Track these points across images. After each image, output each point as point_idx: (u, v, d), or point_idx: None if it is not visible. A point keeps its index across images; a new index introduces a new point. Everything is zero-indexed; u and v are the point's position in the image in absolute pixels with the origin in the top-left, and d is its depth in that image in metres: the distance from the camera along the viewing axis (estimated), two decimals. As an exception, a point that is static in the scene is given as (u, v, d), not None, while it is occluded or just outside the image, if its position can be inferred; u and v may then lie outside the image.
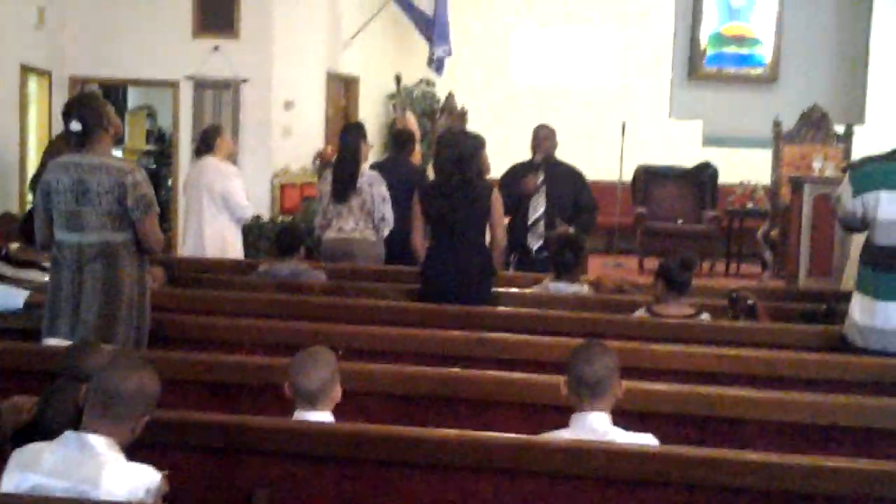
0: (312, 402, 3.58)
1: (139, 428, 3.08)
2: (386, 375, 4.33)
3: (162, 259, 6.65)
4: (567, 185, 7.46)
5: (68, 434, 2.98)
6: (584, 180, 7.59)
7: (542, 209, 7.30)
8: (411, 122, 12.41)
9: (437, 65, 12.84)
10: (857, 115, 13.77)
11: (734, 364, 4.68)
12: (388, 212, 7.28)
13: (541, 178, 7.37)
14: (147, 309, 5.01)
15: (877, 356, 4.73)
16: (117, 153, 13.45)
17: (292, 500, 3.49)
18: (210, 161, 7.96)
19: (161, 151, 14.17)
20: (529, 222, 7.26)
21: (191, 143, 10.47)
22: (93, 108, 4.83)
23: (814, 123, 11.96)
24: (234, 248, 8.10)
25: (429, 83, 14.00)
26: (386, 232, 7.37)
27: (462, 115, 12.77)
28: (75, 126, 4.75)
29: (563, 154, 7.75)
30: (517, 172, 7.46)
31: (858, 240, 5.72)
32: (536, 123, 7.84)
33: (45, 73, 10.57)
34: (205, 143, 8.09)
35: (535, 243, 7.25)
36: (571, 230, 7.18)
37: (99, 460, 2.91)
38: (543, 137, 7.56)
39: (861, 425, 4.02)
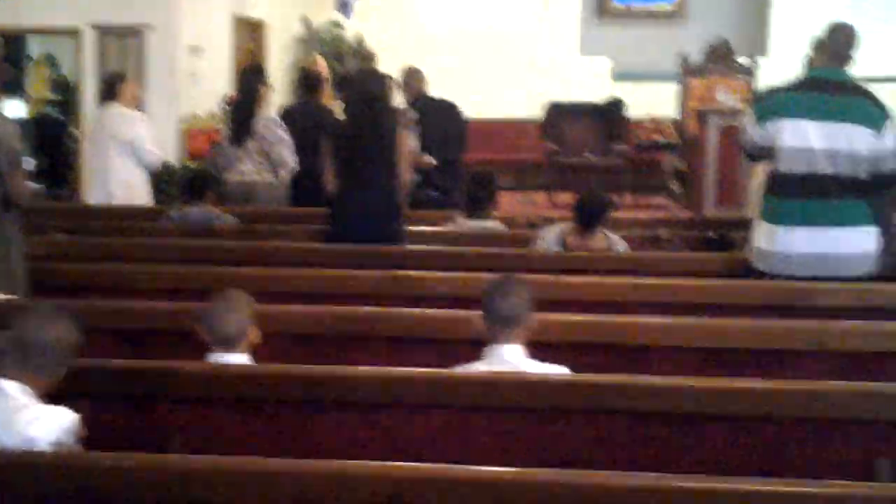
0: (229, 346, 3.58)
1: (56, 378, 3.05)
2: (299, 316, 4.35)
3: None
4: (439, 118, 7.49)
5: None
6: (455, 111, 7.65)
7: (413, 144, 7.21)
8: (321, 64, 12.28)
9: (344, 6, 12.72)
10: (760, 47, 13.97)
11: (642, 293, 4.77)
12: (286, 154, 7.20)
13: (416, 116, 7.38)
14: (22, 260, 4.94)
15: (780, 280, 4.85)
16: (19, 103, 13.25)
17: (208, 443, 3.47)
18: (115, 108, 7.84)
19: (66, 100, 13.87)
20: None
21: (96, 91, 10.28)
22: None
23: (719, 57, 12.10)
24: (141, 195, 8.00)
25: (337, 26, 13.86)
26: (285, 174, 7.31)
27: (371, 58, 12.67)
28: None
29: (474, 94, 7.76)
30: None
31: (756, 170, 5.84)
32: (448, 64, 7.92)
33: (-62, 22, 10.26)
34: (108, 91, 7.98)
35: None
36: (433, 160, 7.28)
37: (11, 404, 2.89)
38: (409, 77, 7.72)
39: (766, 347, 4.14)
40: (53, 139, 12.86)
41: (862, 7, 14.14)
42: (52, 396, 3.07)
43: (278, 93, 11.10)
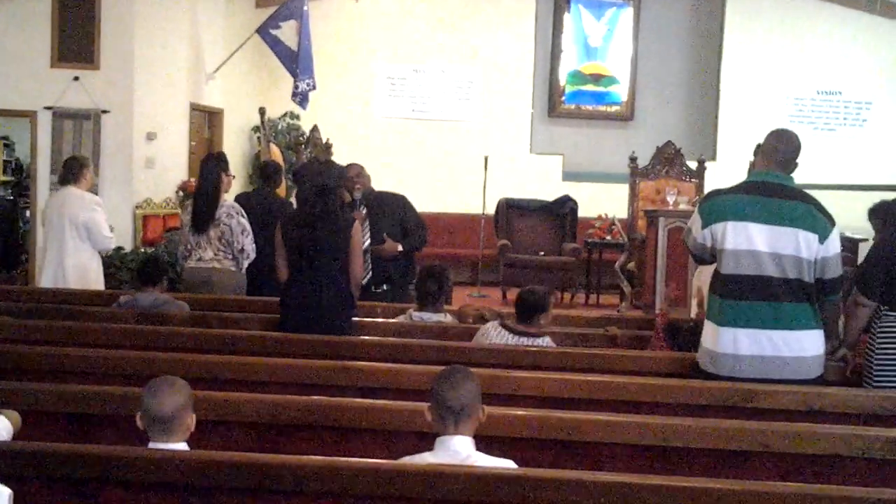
0: (166, 430, 3.50)
1: None
2: (248, 404, 4.32)
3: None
4: (390, 212, 7.54)
5: None
6: (406, 203, 7.67)
7: (367, 242, 7.25)
8: (276, 154, 12.39)
9: (300, 98, 12.86)
10: (709, 151, 14.28)
11: (590, 389, 4.79)
12: (247, 243, 7.27)
13: (364, 211, 7.42)
14: None
15: (727, 381, 4.85)
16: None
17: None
18: (73, 191, 7.85)
19: (18, 182, 13.87)
20: None
21: (49, 173, 10.31)
22: None
23: (668, 159, 12.35)
24: (96, 279, 7.99)
25: (293, 116, 14.01)
26: (245, 263, 7.35)
27: (327, 148, 12.81)
28: None
29: (426, 188, 7.80)
30: None
31: (703, 271, 5.91)
32: (399, 156, 7.93)
33: None
34: (70, 173, 7.96)
35: (364, 277, 7.15)
36: (400, 246, 7.38)
37: None
38: (355, 174, 7.58)
39: (712, 447, 4.16)
40: (6, 221, 12.80)
41: (805, 114, 14.60)
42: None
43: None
